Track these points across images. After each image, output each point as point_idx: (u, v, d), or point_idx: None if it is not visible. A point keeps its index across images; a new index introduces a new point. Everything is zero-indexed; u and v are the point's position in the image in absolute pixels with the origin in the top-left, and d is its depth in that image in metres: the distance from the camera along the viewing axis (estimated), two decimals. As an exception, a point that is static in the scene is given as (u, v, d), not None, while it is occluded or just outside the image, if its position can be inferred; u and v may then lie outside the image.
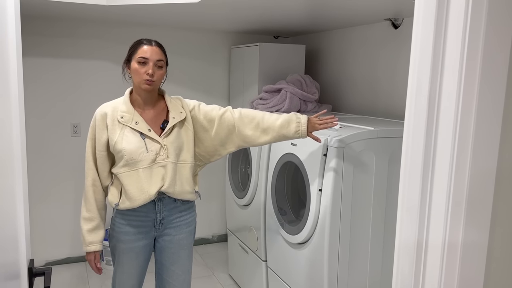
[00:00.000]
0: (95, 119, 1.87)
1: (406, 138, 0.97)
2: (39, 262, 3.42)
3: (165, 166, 1.86)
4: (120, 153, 1.82)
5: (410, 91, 0.95)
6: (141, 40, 1.89)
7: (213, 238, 4.07)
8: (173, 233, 1.98)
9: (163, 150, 1.86)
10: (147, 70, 1.82)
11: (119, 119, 1.84)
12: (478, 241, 0.92)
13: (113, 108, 1.87)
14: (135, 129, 1.84)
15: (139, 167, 1.83)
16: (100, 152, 1.87)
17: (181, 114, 1.93)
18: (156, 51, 1.85)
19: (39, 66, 3.30)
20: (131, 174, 1.84)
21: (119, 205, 1.88)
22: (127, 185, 1.84)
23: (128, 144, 1.82)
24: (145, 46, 1.85)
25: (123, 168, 1.85)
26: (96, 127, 1.86)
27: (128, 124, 1.84)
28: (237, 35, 3.86)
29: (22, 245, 1.05)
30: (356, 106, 3.17)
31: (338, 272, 2.10)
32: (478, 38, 0.85)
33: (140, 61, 1.83)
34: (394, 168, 2.13)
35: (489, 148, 0.89)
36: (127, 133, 1.83)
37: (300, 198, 2.53)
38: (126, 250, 1.93)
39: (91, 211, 1.90)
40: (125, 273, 1.97)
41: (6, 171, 0.93)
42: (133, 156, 1.82)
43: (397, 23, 2.73)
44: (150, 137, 1.85)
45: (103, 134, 1.85)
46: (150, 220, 1.93)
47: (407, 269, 0.97)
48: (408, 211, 0.96)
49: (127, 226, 1.92)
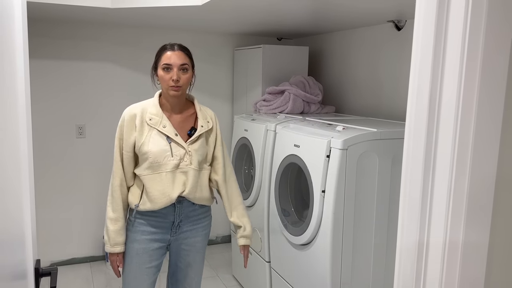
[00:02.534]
0: (124, 119, 1.87)
1: (407, 140, 0.98)
2: (44, 262, 3.44)
3: (187, 172, 1.88)
4: (146, 155, 1.83)
5: (411, 93, 0.96)
6: (165, 46, 1.89)
7: (217, 239, 4.08)
8: (190, 236, 1.99)
9: (187, 156, 1.88)
10: (172, 76, 1.82)
11: (147, 121, 1.85)
12: (479, 241, 0.92)
13: (142, 110, 1.87)
14: (163, 132, 1.85)
15: (162, 171, 1.84)
16: (128, 153, 1.87)
17: (209, 123, 1.97)
18: (179, 55, 1.86)
19: (43, 68, 3.32)
20: (154, 177, 1.84)
21: (139, 206, 1.88)
22: (150, 188, 1.85)
23: (154, 146, 1.83)
24: (168, 52, 1.85)
25: (146, 170, 1.85)
26: (125, 127, 1.86)
27: (156, 127, 1.85)
28: (240, 37, 3.87)
29: (28, 245, 1.07)
30: (359, 108, 3.17)
31: (341, 273, 2.11)
32: (478, 40, 0.86)
33: (164, 68, 1.84)
34: (397, 169, 2.14)
35: (490, 149, 0.90)
36: (154, 136, 1.84)
37: (303, 200, 2.53)
38: (141, 252, 1.91)
39: (117, 211, 1.89)
40: (137, 278, 1.93)
41: (12, 173, 0.95)
42: (157, 159, 1.83)
43: (400, 24, 2.74)
44: (176, 142, 1.86)
45: (131, 135, 1.85)
46: (168, 222, 1.92)
47: (408, 270, 0.98)
48: (410, 212, 0.97)
49: (145, 226, 1.90)
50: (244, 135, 2.94)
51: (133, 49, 3.51)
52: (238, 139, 3.04)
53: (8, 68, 0.93)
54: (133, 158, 1.89)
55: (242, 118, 3.06)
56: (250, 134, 2.87)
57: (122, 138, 1.87)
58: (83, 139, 3.48)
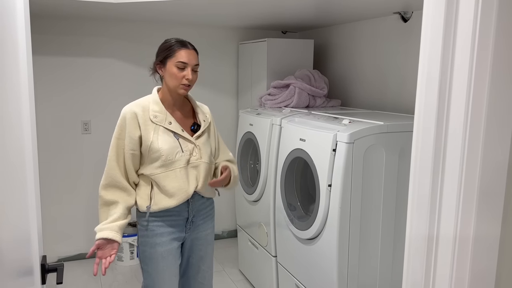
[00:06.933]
0: (125, 118, 1.82)
1: (416, 131, 0.96)
2: (51, 258, 3.46)
3: (197, 166, 1.88)
4: (158, 153, 1.80)
5: (420, 85, 0.94)
6: (181, 42, 1.85)
7: (223, 234, 4.08)
8: (202, 230, 1.99)
9: (196, 151, 1.88)
10: (186, 75, 1.81)
11: (152, 119, 1.82)
12: (490, 234, 0.91)
13: (142, 108, 1.83)
14: (169, 129, 1.83)
15: (176, 167, 1.83)
16: (134, 152, 1.81)
17: (207, 118, 1.99)
18: (193, 55, 1.85)
19: (47, 64, 3.32)
20: (168, 174, 1.82)
21: (151, 207, 1.84)
22: (167, 185, 1.82)
23: (164, 144, 1.80)
24: (184, 49, 1.82)
25: (159, 168, 1.82)
26: (127, 126, 1.81)
27: (162, 124, 1.82)
28: (245, 31, 3.85)
29: (34, 241, 1.07)
30: (365, 101, 3.15)
31: (348, 267, 2.10)
32: (489, 29, 0.84)
33: (179, 66, 1.80)
34: (404, 163, 2.12)
35: (501, 140, 0.88)
36: (162, 133, 1.82)
37: (309, 194, 2.52)
38: (165, 254, 1.87)
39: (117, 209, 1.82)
40: (167, 282, 1.89)
41: (18, 169, 0.94)
42: (170, 157, 1.81)
43: (406, 16, 2.70)
44: (184, 137, 1.86)
45: (136, 133, 1.81)
46: (182, 220, 1.90)
47: (417, 263, 0.97)
48: (419, 205, 0.96)
49: (163, 227, 1.86)
50: (249, 130, 2.93)
51: (137, 44, 3.50)
52: (243, 134, 3.02)
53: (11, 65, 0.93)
54: (139, 157, 1.85)
55: (247, 113, 3.05)
56: (255, 128, 2.86)
57: (123, 137, 1.82)
58: (89, 135, 3.49)
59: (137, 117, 1.81)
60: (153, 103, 1.86)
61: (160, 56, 1.86)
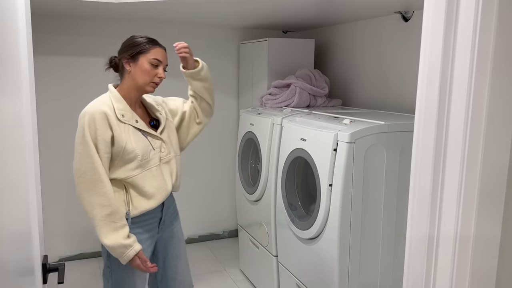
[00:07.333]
0: (94, 119, 1.67)
1: (417, 130, 0.96)
2: (52, 258, 3.46)
3: (169, 161, 1.86)
4: (133, 153, 1.71)
5: (421, 84, 0.94)
6: (154, 40, 1.83)
7: (224, 234, 4.08)
8: (173, 227, 1.94)
9: (164, 146, 1.84)
10: (159, 74, 1.77)
11: (120, 118, 1.71)
12: (491, 234, 0.91)
13: (108, 107, 1.72)
14: (137, 127, 1.76)
15: (151, 166, 1.77)
16: (107, 154, 1.69)
17: (161, 109, 1.93)
18: (166, 55, 1.83)
19: (47, 64, 3.32)
20: (145, 174, 1.75)
21: (130, 213, 1.74)
22: (145, 186, 1.74)
23: (137, 143, 1.73)
24: (158, 47, 1.79)
25: (136, 170, 1.73)
26: (98, 127, 1.66)
27: (130, 123, 1.74)
28: (245, 31, 3.85)
29: (35, 241, 1.07)
30: (366, 100, 3.15)
31: (349, 267, 2.10)
32: (489, 28, 0.84)
33: (153, 63, 1.76)
34: (405, 162, 2.12)
35: (501, 139, 0.88)
36: (132, 133, 1.73)
37: (310, 193, 2.52)
38: None
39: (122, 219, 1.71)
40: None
41: (19, 169, 0.95)
42: (145, 156, 1.74)
43: (407, 15, 2.70)
44: (151, 134, 1.80)
45: (108, 134, 1.68)
46: (156, 221, 1.85)
47: (418, 263, 0.97)
48: (419, 205, 0.96)
49: (141, 234, 1.78)
50: (250, 129, 2.93)
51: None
52: (244, 134, 3.03)
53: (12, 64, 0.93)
54: (109, 160, 1.71)
55: (248, 112, 3.05)
56: (256, 128, 2.86)
57: (94, 140, 1.66)
58: (90, 135, 3.49)
59: (107, 116, 1.69)
60: (116, 101, 1.75)
61: (131, 50, 1.79)
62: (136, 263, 1.71)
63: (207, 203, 3.97)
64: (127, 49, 1.81)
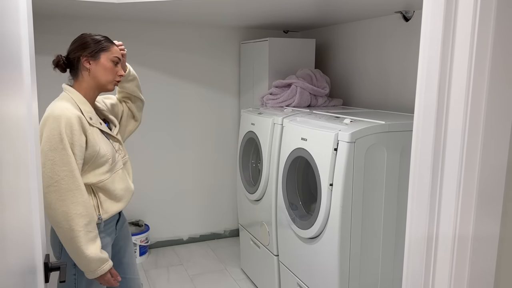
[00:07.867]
0: (71, 123, 1.55)
1: (416, 131, 0.97)
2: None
3: (126, 163, 1.85)
4: (104, 157, 1.66)
5: (420, 84, 0.95)
6: (108, 38, 1.77)
7: (225, 233, 4.09)
8: (123, 227, 1.91)
9: (121, 148, 1.83)
10: (120, 72, 1.76)
11: (89, 122, 1.64)
12: (489, 234, 0.91)
13: (77, 109, 1.64)
14: (101, 129, 1.71)
15: (117, 169, 1.75)
16: (81, 160, 1.59)
17: (106, 109, 1.90)
18: None
19: (47, 63, 3.33)
20: (114, 177, 1.72)
21: (102, 217, 1.67)
22: (115, 190, 1.71)
23: (105, 146, 1.68)
24: (115, 46, 1.77)
25: (107, 174, 1.68)
26: (75, 132, 1.56)
27: (96, 126, 1.68)
28: (246, 31, 3.85)
29: (37, 240, 1.08)
30: (367, 100, 3.15)
31: (350, 266, 2.10)
32: (488, 29, 0.84)
33: (114, 60, 1.73)
34: (406, 162, 2.12)
35: (500, 139, 0.89)
36: (100, 135, 1.68)
37: (311, 193, 2.53)
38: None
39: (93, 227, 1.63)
40: None
41: (21, 170, 0.95)
42: (114, 158, 1.71)
43: (408, 15, 2.70)
44: (112, 136, 1.78)
45: (83, 140, 1.59)
46: (114, 224, 1.81)
47: (417, 263, 0.97)
48: (418, 205, 0.96)
49: (106, 237, 1.72)
50: (251, 129, 2.94)
51: (138, 44, 3.50)
52: (245, 133, 3.03)
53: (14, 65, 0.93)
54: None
55: (248, 112, 3.05)
56: (257, 128, 2.86)
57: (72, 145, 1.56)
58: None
59: (81, 121, 1.60)
60: (81, 104, 1.66)
61: (91, 48, 1.70)
62: (106, 278, 1.64)
63: (208, 203, 3.98)
64: (85, 47, 1.71)
